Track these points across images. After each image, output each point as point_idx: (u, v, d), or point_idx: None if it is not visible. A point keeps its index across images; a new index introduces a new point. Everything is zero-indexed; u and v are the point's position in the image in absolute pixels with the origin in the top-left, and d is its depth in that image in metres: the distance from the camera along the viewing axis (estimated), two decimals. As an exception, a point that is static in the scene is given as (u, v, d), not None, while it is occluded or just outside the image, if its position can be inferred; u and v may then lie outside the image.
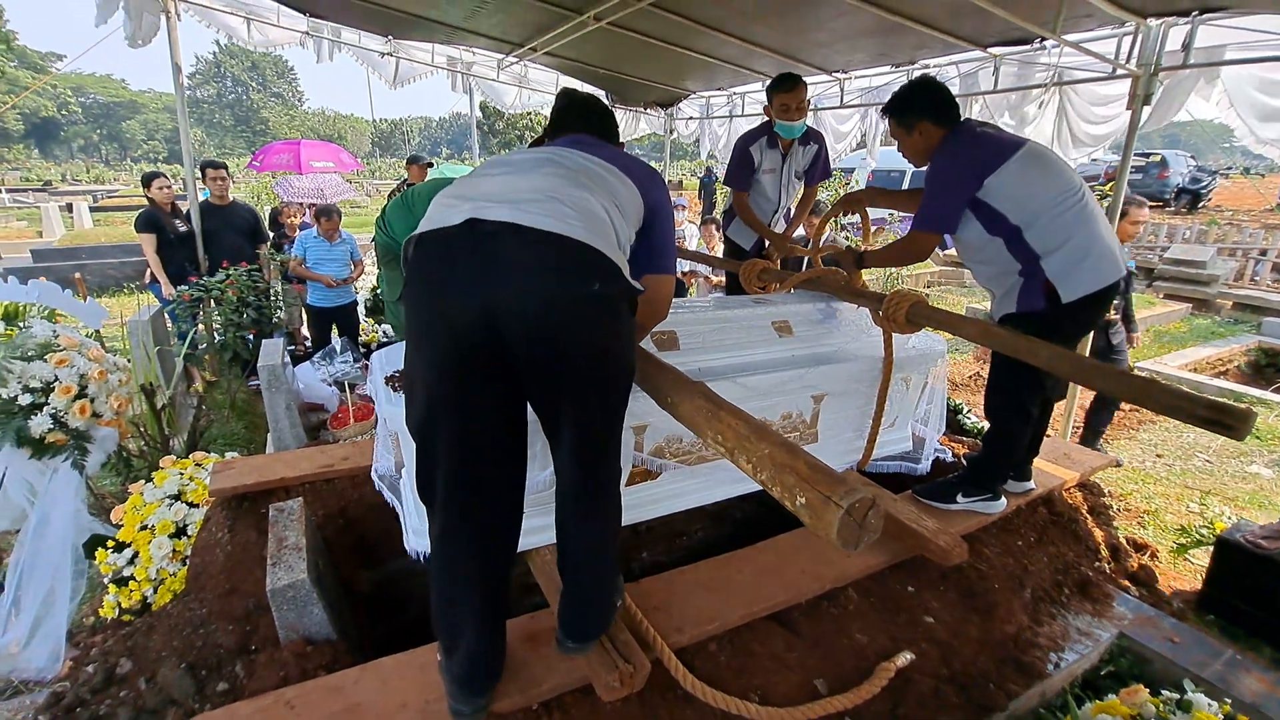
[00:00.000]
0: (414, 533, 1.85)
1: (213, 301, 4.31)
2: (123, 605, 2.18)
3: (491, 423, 1.35)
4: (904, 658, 1.78)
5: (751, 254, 3.60)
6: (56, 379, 2.69)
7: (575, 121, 1.73)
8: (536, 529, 1.83)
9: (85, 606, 2.40)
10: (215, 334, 4.42)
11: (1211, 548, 2.54)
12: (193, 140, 5.12)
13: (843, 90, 5.44)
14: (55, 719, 1.67)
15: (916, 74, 4.70)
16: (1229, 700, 1.64)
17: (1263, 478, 3.89)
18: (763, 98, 3.48)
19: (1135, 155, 3.98)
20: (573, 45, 4.84)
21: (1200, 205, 17.09)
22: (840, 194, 7.65)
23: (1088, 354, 3.76)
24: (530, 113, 6.76)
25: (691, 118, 7.45)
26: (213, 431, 3.85)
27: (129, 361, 3.19)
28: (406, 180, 6.64)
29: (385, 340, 5.08)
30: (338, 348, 4.22)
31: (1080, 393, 4.00)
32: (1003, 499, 2.41)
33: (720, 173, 5.40)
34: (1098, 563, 2.45)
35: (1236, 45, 3.24)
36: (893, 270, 7.88)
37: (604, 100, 1.87)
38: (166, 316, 4.49)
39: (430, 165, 6.59)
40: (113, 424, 2.86)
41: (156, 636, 1.87)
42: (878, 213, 13.21)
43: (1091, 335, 3.80)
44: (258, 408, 3.87)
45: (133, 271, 8.89)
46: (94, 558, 2.31)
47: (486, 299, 1.24)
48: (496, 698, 1.50)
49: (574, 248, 1.26)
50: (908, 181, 12.38)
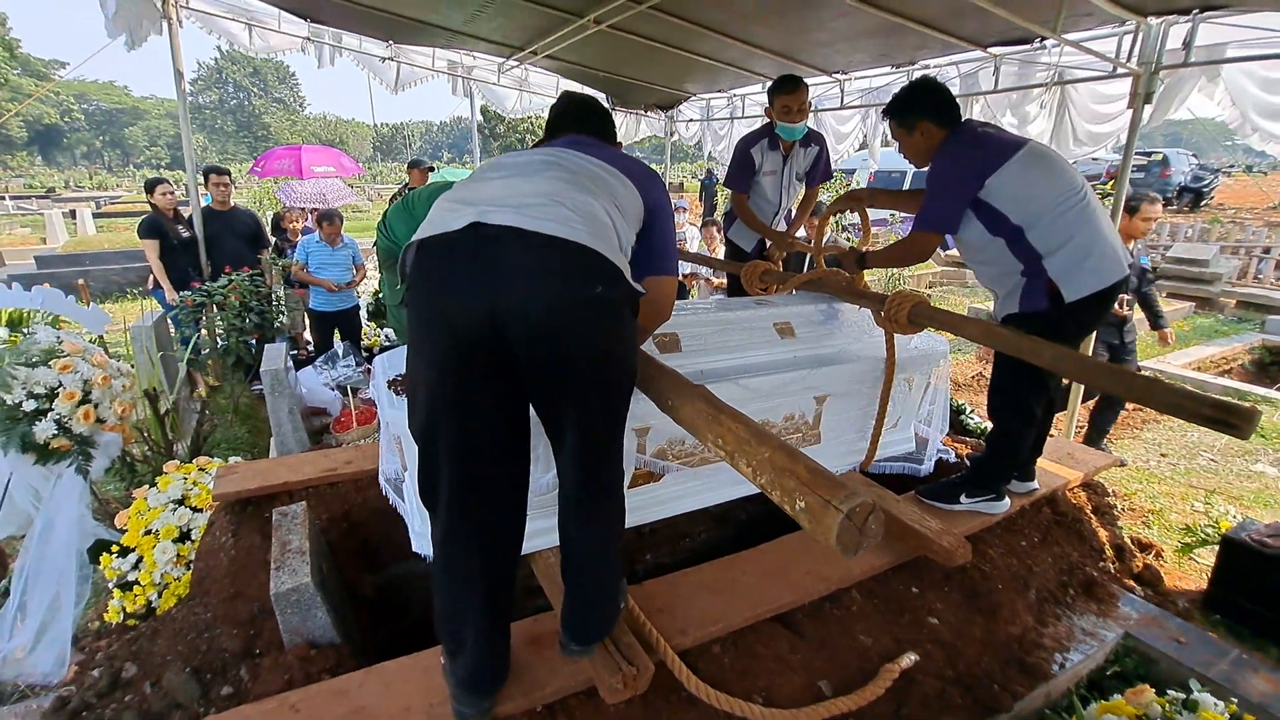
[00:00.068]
0: (418, 536, 1.85)
1: (215, 307, 4.33)
2: (127, 610, 2.19)
3: (493, 424, 1.35)
4: (908, 659, 1.78)
5: (753, 256, 3.60)
6: (61, 385, 2.70)
7: (574, 122, 1.73)
8: (540, 531, 1.83)
9: (90, 611, 2.40)
10: (218, 339, 4.43)
11: (1217, 547, 2.53)
12: (195, 146, 5.15)
13: (843, 91, 5.44)
14: (61, 724, 1.67)
15: (917, 74, 4.70)
16: (1235, 700, 1.63)
17: (1268, 476, 3.87)
18: (763, 99, 3.49)
19: (1137, 154, 3.97)
20: (573, 48, 4.85)
21: (1203, 203, 17.06)
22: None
23: (1096, 353, 3.77)
24: (531, 116, 6.78)
25: (692, 120, 7.46)
26: (216, 436, 3.86)
27: (133, 367, 3.20)
28: (408, 184, 6.66)
29: (387, 344, 5.09)
30: (340, 352, 4.22)
31: (1084, 392, 3.99)
32: (1006, 499, 2.41)
33: (721, 175, 5.41)
34: (1102, 563, 2.44)
35: (1238, 43, 3.24)
36: (894, 271, 7.87)
37: (602, 101, 1.87)
38: (170, 322, 4.51)
39: (431, 169, 6.61)
40: (117, 429, 2.87)
41: (161, 641, 1.88)
42: (880, 213, 13.23)
43: (1105, 333, 3.79)
44: (261, 412, 3.88)
45: (136, 277, 8.92)
46: (99, 563, 2.31)
47: (489, 302, 1.24)
48: (500, 700, 1.50)
49: (577, 251, 1.26)
50: (909, 182, 12.38)
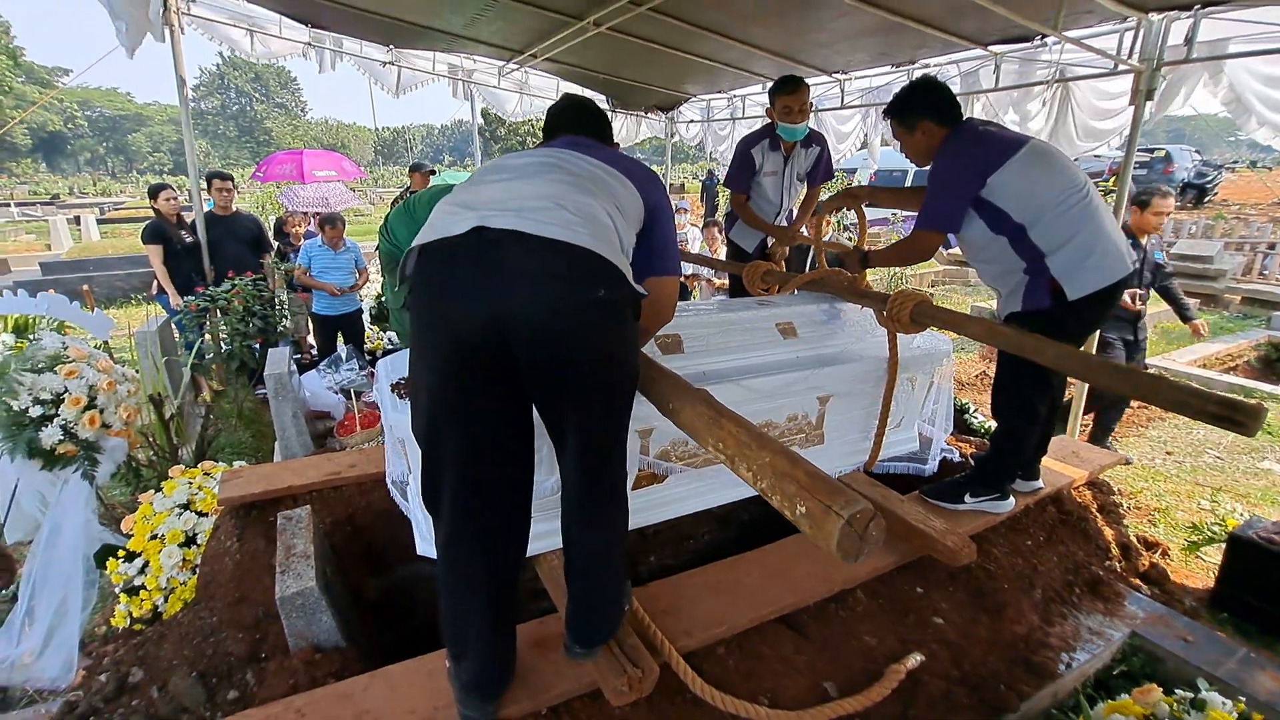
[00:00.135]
0: (423, 539, 1.85)
1: (219, 311, 4.34)
2: (134, 614, 2.20)
3: (496, 428, 1.35)
4: (913, 659, 1.77)
5: (754, 256, 3.60)
6: (66, 390, 2.71)
7: (571, 124, 1.73)
8: (543, 534, 1.83)
9: (97, 616, 2.41)
10: (222, 343, 4.44)
11: (1224, 545, 2.52)
12: (197, 152, 5.16)
13: (843, 91, 5.44)
14: (68, 729, 1.68)
15: (917, 73, 4.70)
16: (1243, 698, 1.63)
17: (1275, 474, 3.85)
18: (764, 100, 3.49)
19: (1140, 151, 3.97)
20: (573, 51, 4.86)
21: (1206, 200, 16.99)
22: (843, 194, 7.62)
23: (1112, 349, 3.76)
24: (532, 119, 6.78)
25: (693, 121, 7.47)
26: (220, 440, 3.87)
27: (137, 372, 3.21)
28: (409, 188, 6.67)
29: (390, 347, 5.10)
30: (343, 355, 4.23)
31: (1088, 390, 3.97)
32: (1011, 498, 2.40)
33: (722, 175, 5.43)
34: (1108, 562, 2.43)
35: (1240, 38, 3.23)
36: (896, 270, 7.85)
37: (599, 103, 1.87)
38: (174, 327, 4.52)
39: (433, 173, 6.63)
40: (122, 434, 2.88)
41: (167, 645, 1.88)
42: (882, 212, 13.21)
43: (1120, 329, 3.79)
44: (265, 416, 3.89)
45: (140, 283, 8.96)
46: (105, 567, 2.32)
47: (492, 306, 1.24)
48: (505, 703, 1.50)
49: (580, 255, 1.26)
50: (910, 181, 12.36)
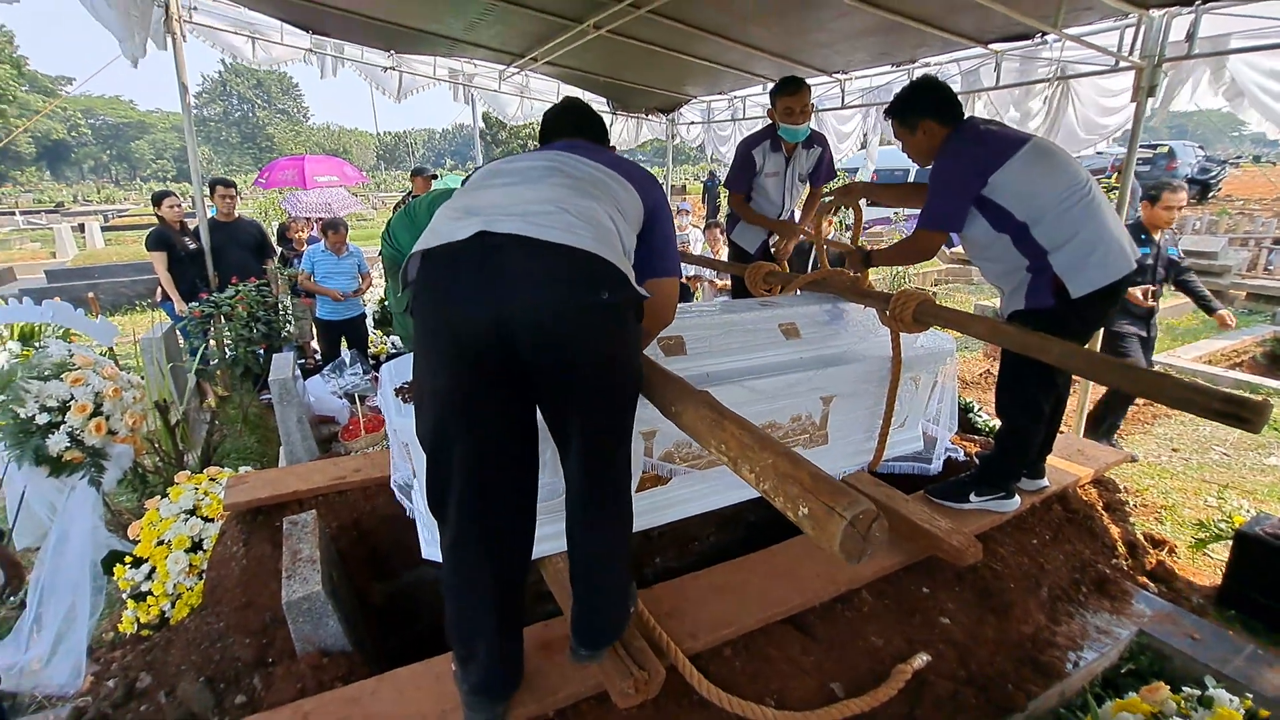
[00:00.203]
0: (428, 542, 1.86)
1: (223, 317, 4.35)
2: (141, 620, 2.20)
3: (501, 431, 1.36)
4: (920, 659, 1.77)
5: (756, 257, 3.60)
6: (72, 398, 2.73)
7: (569, 127, 1.73)
8: (548, 536, 1.83)
9: (104, 622, 2.42)
10: (226, 349, 4.45)
11: (1230, 542, 2.51)
12: (200, 158, 5.19)
13: (844, 91, 5.44)
14: (77, 735, 1.69)
15: (918, 73, 4.69)
16: (1251, 695, 1.62)
17: (1281, 470, 3.83)
18: (764, 101, 3.50)
19: (1142, 147, 3.96)
20: (573, 54, 4.87)
21: (1210, 195, 16.91)
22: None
23: (1128, 346, 3.72)
24: (533, 122, 6.78)
25: (693, 122, 7.48)
26: (226, 446, 3.88)
27: (143, 378, 3.23)
28: (411, 192, 6.68)
29: (394, 352, 5.11)
30: (347, 360, 4.24)
31: (1092, 388, 3.96)
32: (1016, 497, 2.40)
33: (723, 176, 5.44)
34: (1115, 560, 2.43)
35: (1241, 34, 3.22)
36: (899, 269, 7.84)
37: (595, 106, 1.88)
38: (178, 333, 4.54)
39: (435, 177, 6.64)
40: (128, 441, 2.90)
41: (175, 651, 1.89)
42: (884, 211, 13.19)
43: (1135, 325, 3.75)
44: (270, 421, 3.90)
45: (144, 289, 9.00)
46: (112, 574, 2.33)
47: (496, 311, 1.24)
48: (512, 706, 1.51)
49: (583, 258, 1.27)
50: (911, 180, 12.33)
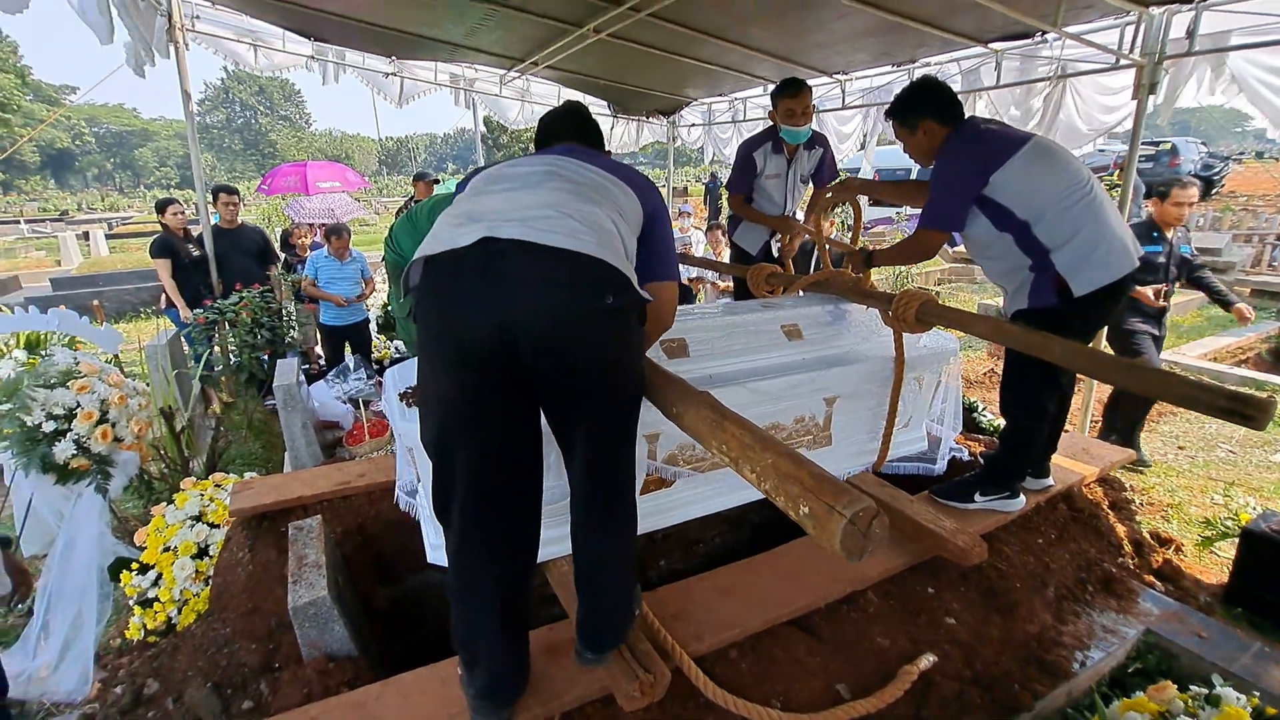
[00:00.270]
0: (433, 547, 1.86)
1: (227, 324, 4.37)
2: (148, 626, 2.21)
3: (506, 436, 1.36)
4: (926, 660, 1.77)
5: (758, 259, 3.60)
6: (79, 405, 2.74)
7: (566, 131, 1.74)
8: (553, 540, 1.83)
9: (111, 629, 2.43)
10: (231, 355, 4.48)
11: (1237, 540, 2.50)
12: (204, 165, 5.21)
13: (844, 92, 5.44)
14: (85, 741, 1.70)
15: (918, 73, 4.69)
16: (1258, 694, 1.61)
17: (1288, 467, 3.81)
18: (765, 102, 3.50)
19: (1145, 144, 3.94)
20: (574, 58, 4.89)
21: (1214, 192, 16.84)
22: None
23: (1141, 345, 3.65)
24: (534, 126, 6.79)
25: (694, 124, 7.49)
26: (231, 452, 3.90)
27: (148, 385, 3.24)
28: (413, 197, 6.71)
29: (398, 356, 5.12)
30: (351, 365, 4.25)
31: (1097, 386, 3.95)
32: (1021, 497, 2.39)
33: (725, 177, 5.46)
34: (1121, 559, 2.42)
35: (1242, 30, 3.21)
36: (902, 269, 7.83)
37: (593, 110, 1.88)
38: (183, 340, 4.56)
39: (436, 181, 6.66)
40: (134, 448, 2.91)
41: (182, 657, 1.90)
42: (885, 211, 13.18)
43: (1147, 324, 3.68)
44: (274, 427, 3.91)
45: (149, 296, 9.04)
46: (119, 580, 2.34)
47: (500, 316, 1.25)
48: (518, 710, 1.51)
49: (586, 263, 1.27)
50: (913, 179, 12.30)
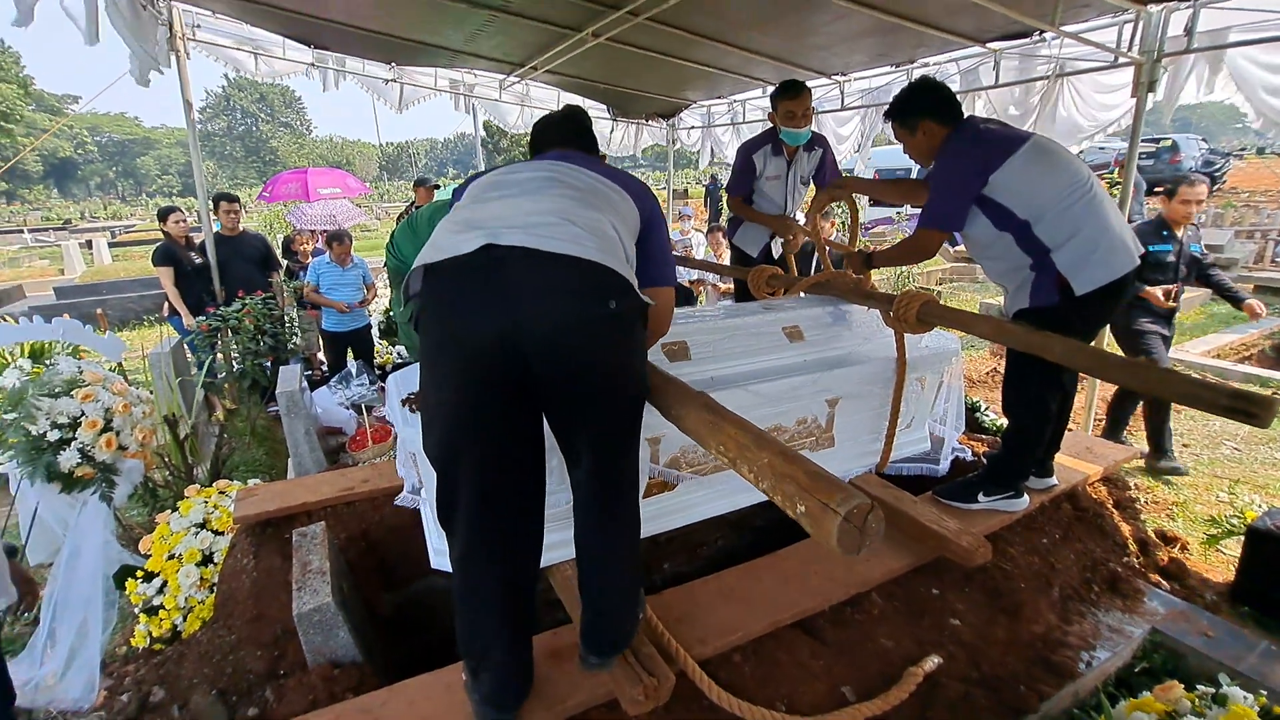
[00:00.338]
0: (437, 552, 1.87)
1: (230, 331, 4.39)
2: (154, 634, 2.21)
3: (510, 442, 1.36)
4: (931, 662, 1.76)
5: (758, 261, 3.60)
6: (83, 414, 2.75)
7: (561, 136, 1.75)
8: (556, 544, 1.83)
9: (117, 636, 2.43)
10: (234, 362, 4.49)
11: (1243, 538, 2.49)
12: (205, 173, 5.23)
13: (843, 93, 5.45)
14: (92, 749, 1.70)
15: (917, 73, 4.70)
16: (1265, 692, 1.61)
17: (1293, 464, 3.80)
18: (764, 104, 3.50)
19: (1145, 141, 3.92)
20: (573, 63, 4.90)
21: (1215, 188, 16.82)
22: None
23: (1152, 346, 3.58)
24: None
25: (694, 127, 7.49)
26: (235, 459, 3.91)
27: (151, 393, 3.25)
28: (414, 203, 6.73)
29: (400, 361, 5.14)
30: (354, 371, 4.27)
31: (1101, 385, 3.94)
32: (1025, 496, 2.38)
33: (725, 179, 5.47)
34: (1126, 558, 2.41)
35: (1240, 27, 3.21)
36: (903, 268, 7.82)
37: (585, 115, 1.88)
38: (186, 347, 4.58)
39: (437, 187, 6.68)
40: (138, 456, 2.92)
41: (187, 664, 1.90)
42: (885, 210, 13.17)
43: (1158, 324, 3.60)
44: (277, 434, 3.92)
45: (152, 304, 9.06)
46: (124, 588, 2.34)
47: (504, 323, 1.25)
48: (523, 715, 1.50)
49: (589, 269, 1.28)
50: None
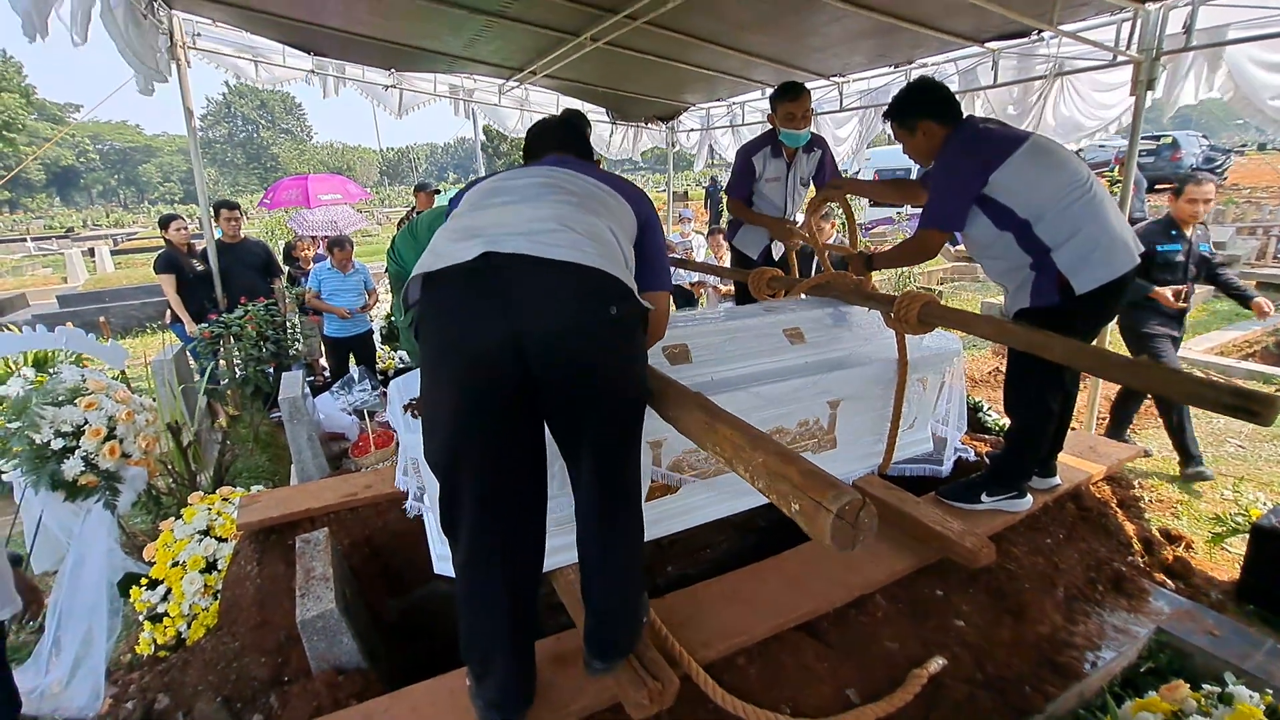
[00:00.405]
0: (439, 558, 1.87)
1: (232, 337, 4.40)
2: (158, 641, 2.22)
3: (513, 448, 1.37)
4: (936, 663, 1.76)
5: (759, 263, 3.60)
6: (86, 422, 2.76)
7: (556, 141, 1.75)
8: (559, 548, 1.84)
9: (122, 644, 2.44)
10: (236, 369, 4.50)
11: (1248, 535, 2.48)
12: (207, 180, 5.25)
13: (841, 94, 5.45)
14: (97, 758, 1.70)
15: (915, 74, 4.70)
16: (1271, 691, 1.60)
17: (1298, 461, 3.78)
18: (763, 106, 3.50)
19: (1145, 138, 3.92)
20: (572, 66, 4.91)
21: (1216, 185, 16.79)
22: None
23: (1161, 347, 3.53)
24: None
25: (693, 129, 7.50)
26: (238, 465, 3.91)
27: (155, 401, 3.26)
28: (415, 208, 6.74)
29: (402, 367, 5.14)
30: (356, 376, 4.27)
31: (1103, 384, 3.93)
32: (1029, 496, 2.38)
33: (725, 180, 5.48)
34: (1131, 557, 2.40)
35: (1239, 24, 3.21)
36: (904, 268, 7.82)
37: (580, 120, 1.88)
38: (188, 354, 4.59)
39: (437, 192, 6.69)
40: (141, 463, 2.92)
41: (192, 671, 1.90)
42: (886, 211, 13.17)
43: (1168, 325, 3.55)
44: (280, 440, 3.92)
45: (154, 312, 9.08)
46: (128, 596, 2.35)
47: (507, 331, 1.26)
48: (528, 720, 1.50)
49: (590, 275, 1.28)
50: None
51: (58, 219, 35.15)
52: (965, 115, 2.24)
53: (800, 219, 3.69)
